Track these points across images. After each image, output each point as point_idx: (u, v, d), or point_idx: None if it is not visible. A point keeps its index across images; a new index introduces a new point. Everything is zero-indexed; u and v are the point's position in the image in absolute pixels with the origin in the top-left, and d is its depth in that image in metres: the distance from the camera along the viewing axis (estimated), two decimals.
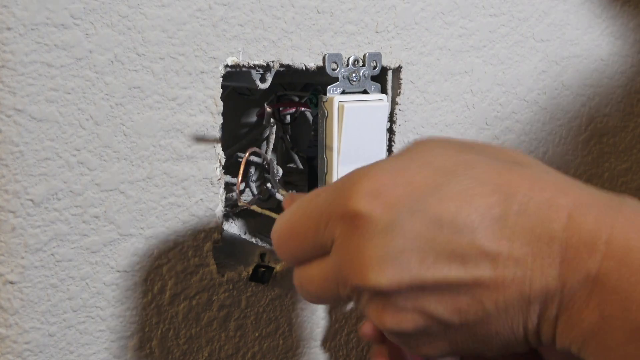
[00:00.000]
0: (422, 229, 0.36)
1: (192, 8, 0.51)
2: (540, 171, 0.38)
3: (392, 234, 0.36)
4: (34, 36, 0.46)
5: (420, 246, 0.36)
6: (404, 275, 0.36)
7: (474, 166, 0.37)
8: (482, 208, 0.36)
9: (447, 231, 0.36)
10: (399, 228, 0.36)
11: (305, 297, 0.42)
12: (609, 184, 0.76)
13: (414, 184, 0.37)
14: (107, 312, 0.52)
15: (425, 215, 0.36)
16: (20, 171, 0.47)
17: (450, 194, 0.36)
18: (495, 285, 0.35)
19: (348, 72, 0.56)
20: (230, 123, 0.62)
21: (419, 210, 0.36)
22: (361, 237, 0.37)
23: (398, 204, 0.37)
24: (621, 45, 0.74)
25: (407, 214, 0.36)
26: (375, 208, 0.37)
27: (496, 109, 0.67)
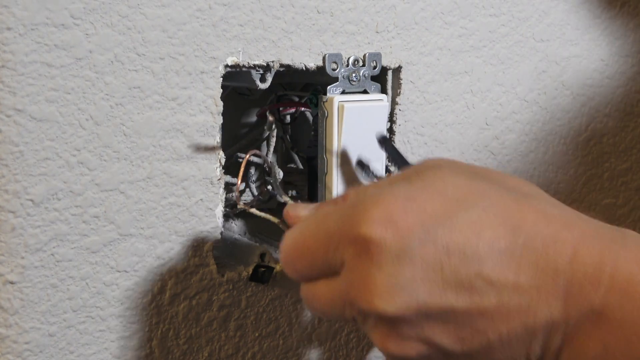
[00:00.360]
0: (432, 258, 0.37)
1: (192, 8, 0.51)
2: (546, 203, 0.39)
3: (402, 263, 0.37)
4: (34, 36, 0.46)
5: (429, 275, 0.37)
6: (411, 304, 0.37)
7: (484, 196, 0.38)
8: (490, 240, 0.37)
9: (455, 261, 0.37)
10: (409, 257, 0.37)
11: (310, 311, 0.43)
12: (609, 184, 0.76)
13: (426, 213, 0.38)
14: (107, 312, 0.52)
15: (436, 245, 0.37)
16: (20, 171, 0.47)
17: (460, 224, 0.37)
18: (500, 315, 0.36)
19: (348, 72, 0.56)
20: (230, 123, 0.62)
21: (429, 241, 0.37)
22: (371, 263, 0.38)
23: (409, 232, 0.37)
24: (621, 45, 0.74)
25: (417, 243, 0.37)
26: (387, 236, 0.37)
27: (496, 109, 0.67)
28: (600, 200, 0.76)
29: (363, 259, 0.38)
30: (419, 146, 0.63)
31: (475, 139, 0.66)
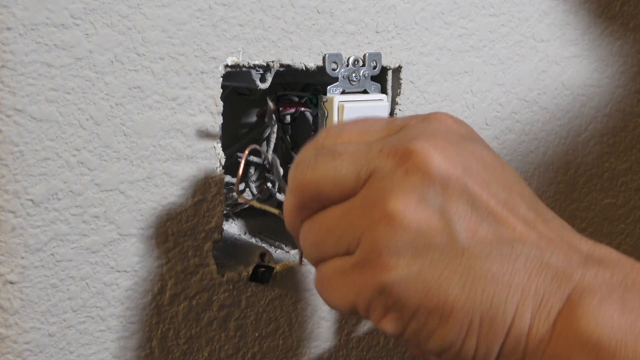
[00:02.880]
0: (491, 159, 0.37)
1: (192, 8, 0.51)
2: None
3: (466, 141, 0.37)
4: (34, 36, 0.46)
5: (484, 165, 0.36)
6: (457, 170, 0.35)
7: None
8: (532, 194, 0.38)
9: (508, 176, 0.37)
10: (474, 144, 0.37)
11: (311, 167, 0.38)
12: (609, 184, 0.76)
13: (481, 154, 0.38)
14: (107, 312, 0.52)
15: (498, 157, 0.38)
16: (20, 171, 0.47)
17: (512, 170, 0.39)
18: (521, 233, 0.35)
19: (348, 72, 0.56)
20: (230, 123, 0.62)
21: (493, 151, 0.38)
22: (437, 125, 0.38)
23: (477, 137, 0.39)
24: (621, 45, 0.74)
25: (483, 144, 0.38)
26: (459, 124, 0.39)
27: (496, 109, 0.67)
28: (600, 200, 0.76)
29: (431, 121, 0.38)
30: None
31: None
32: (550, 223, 0.36)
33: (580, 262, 0.35)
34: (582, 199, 0.75)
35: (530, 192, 0.38)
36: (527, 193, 0.37)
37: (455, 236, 0.35)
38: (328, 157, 0.37)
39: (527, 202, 0.36)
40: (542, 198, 0.72)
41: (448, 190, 0.35)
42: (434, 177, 0.35)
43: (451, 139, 0.36)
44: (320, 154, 0.38)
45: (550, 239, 0.35)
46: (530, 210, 0.36)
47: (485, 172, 0.36)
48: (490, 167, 0.36)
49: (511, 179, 0.37)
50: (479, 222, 0.35)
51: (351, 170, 0.36)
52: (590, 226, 0.75)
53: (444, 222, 0.35)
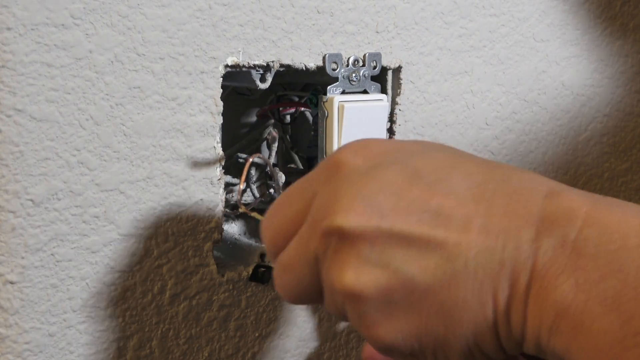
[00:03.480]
0: (400, 177, 0.35)
1: (192, 8, 0.51)
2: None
3: (368, 178, 0.36)
4: (34, 36, 0.46)
5: (395, 192, 0.35)
6: (372, 218, 0.35)
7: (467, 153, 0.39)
8: (464, 172, 0.36)
9: (425, 183, 0.35)
10: (377, 174, 0.36)
11: (281, 287, 0.40)
12: (609, 184, 0.76)
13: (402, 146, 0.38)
14: (107, 312, 0.52)
15: (406, 166, 0.36)
16: (20, 171, 0.47)
17: (435, 155, 0.37)
18: (467, 242, 0.34)
19: (348, 72, 0.56)
20: (230, 123, 0.62)
21: (400, 162, 0.36)
22: (338, 181, 0.37)
23: (382, 154, 0.37)
24: (621, 45, 0.74)
25: (387, 163, 0.36)
26: (358, 157, 0.37)
27: (496, 109, 0.67)
28: None
29: (331, 179, 0.37)
30: None
31: (475, 139, 0.66)
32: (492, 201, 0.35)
33: (533, 237, 0.34)
34: None
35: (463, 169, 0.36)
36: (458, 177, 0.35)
37: (412, 281, 0.35)
38: (285, 274, 0.40)
39: (460, 194, 0.35)
40: None
41: (378, 245, 0.35)
42: (358, 241, 0.35)
43: (354, 186, 0.36)
44: (278, 272, 0.40)
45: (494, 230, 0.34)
46: (464, 204, 0.35)
47: (401, 195, 0.35)
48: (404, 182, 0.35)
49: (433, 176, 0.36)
50: (424, 256, 0.34)
51: (308, 271, 0.38)
52: None
53: (392, 274, 0.35)
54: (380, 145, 0.38)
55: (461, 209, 0.34)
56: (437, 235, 0.34)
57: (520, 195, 0.35)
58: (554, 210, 0.34)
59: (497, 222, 0.34)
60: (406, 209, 0.35)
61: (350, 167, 0.37)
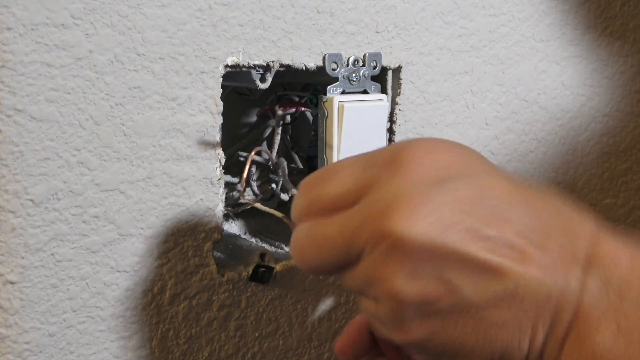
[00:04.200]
0: (467, 195, 0.35)
1: (192, 8, 0.51)
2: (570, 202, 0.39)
3: (436, 189, 0.35)
4: (34, 36, 0.46)
5: (460, 210, 0.35)
6: (434, 232, 0.34)
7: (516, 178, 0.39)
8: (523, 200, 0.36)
9: (489, 206, 0.35)
10: (446, 187, 0.35)
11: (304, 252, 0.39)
12: (609, 184, 0.76)
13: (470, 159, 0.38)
14: (107, 312, 0.52)
15: (473, 184, 0.36)
16: (20, 171, 0.47)
17: (500, 176, 0.37)
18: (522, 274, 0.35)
19: (348, 72, 0.56)
20: (230, 123, 0.62)
21: (468, 179, 0.36)
22: (405, 182, 0.36)
23: (450, 166, 0.37)
24: (621, 45, 0.74)
25: (456, 177, 0.36)
26: (428, 163, 0.36)
27: (496, 109, 0.67)
28: (600, 200, 0.76)
29: (397, 175, 0.36)
30: None
31: (475, 139, 0.66)
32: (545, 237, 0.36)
33: (580, 276, 0.35)
34: (582, 199, 0.75)
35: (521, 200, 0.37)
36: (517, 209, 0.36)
37: (460, 295, 0.35)
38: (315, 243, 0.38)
39: (517, 227, 0.36)
40: None
41: (435, 259, 0.35)
42: (417, 253, 0.35)
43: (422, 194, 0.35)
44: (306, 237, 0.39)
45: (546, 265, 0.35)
46: (521, 237, 0.36)
47: (466, 214, 0.35)
48: (470, 202, 0.36)
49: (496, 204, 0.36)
50: (478, 274, 0.35)
51: (341, 254, 0.38)
52: None
53: (445, 286, 0.35)
54: (450, 153, 0.37)
55: (519, 239, 0.35)
56: (494, 261, 0.35)
57: (570, 232, 0.36)
58: (600, 252, 0.35)
59: (549, 256, 0.35)
60: (468, 229, 0.35)
61: (419, 171, 0.36)
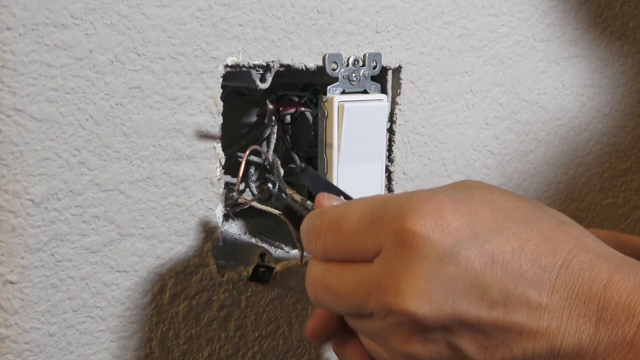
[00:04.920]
0: (476, 265, 0.36)
1: (192, 8, 0.51)
2: (584, 234, 0.39)
3: (445, 264, 0.36)
4: (34, 36, 0.46)
5: (470, 281, 0.36)
6: (446, 309, 0.36)
7: (529, 214, 0.39)
8: (533, 256, 0.37)
9: (498, 271, 0.36)
10: (454, 259, 0.36)
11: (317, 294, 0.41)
12: (609, 184, 0.76)
13: (477, 216, 0.38)
14: (107, 312, 0.52)
15: (482, 252, 0.37)
16: (20, 171, 0.47)
17: (508, 235, 0.37)
18: (529, 332, 0.36)
19: (348, 72, 0.56)
20: (230, 123, 0.62)
21: (476, 246, 0.37)
22: (413, 257, 0.37)
23: (458, 234, 0.37)
24: (621, 45, 0.74)
25: (465, 246, 0.37)
26: (435, 232, 0.37)
27: (496, 109, 0.67)
28: (600, 200, 0.76)
29: (405, 250, 0.37)
30: (419, 146, 0.63)
31: (475, 139, 0.66)
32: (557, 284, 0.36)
33: (591, 334, 0.36)
34: (582, 199, 0.75)
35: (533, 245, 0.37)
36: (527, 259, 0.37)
37: (469, 358, 0.37)
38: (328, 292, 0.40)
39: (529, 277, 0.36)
40: (542, 198, 0.72)
41: (446, 329, 0.37)
42: (428, 326, 0.37)
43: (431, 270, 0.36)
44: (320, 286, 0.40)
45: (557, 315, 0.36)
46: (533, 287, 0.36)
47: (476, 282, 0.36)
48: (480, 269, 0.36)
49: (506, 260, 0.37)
50: (487, 339, 0.36)
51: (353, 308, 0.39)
52: (591, 226, 0.75)
53: (455, 351, 0.37)
54: (457, 215, 0.38)
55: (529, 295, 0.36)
56: (503, 321, 0.36)
57: (580, 286, 0.36)
58: (613, 305, 0.36)
59: (558, 312, 0.36)
60: (479, 296, 0.36)
61: (425, 243, 0.37)
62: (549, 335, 0.36)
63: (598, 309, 0.36)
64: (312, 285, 0.41)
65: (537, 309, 0.36)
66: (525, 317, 0.36)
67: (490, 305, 0.36)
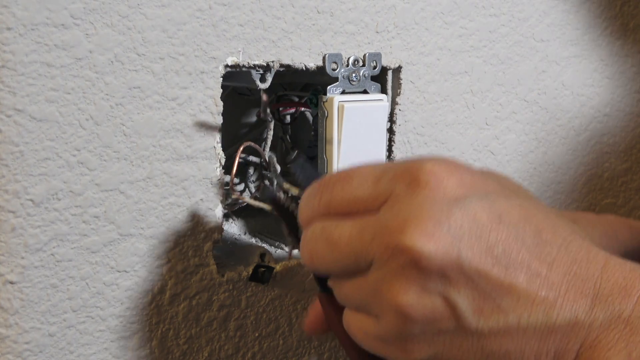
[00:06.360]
0: (484, 219, 0.36)
1: (192, 8, 0.51)
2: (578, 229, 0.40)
3: (456, 208, 0.36)
4: (34, 36, 0.46)
5: (477, 233, 0.36)
6: (452, 252, 0.35)
7: (533, 197, 0.40)
8: (538, 227, 0.37)
9: (503, 232, 0.36)
10: (465, 206, 0.36)
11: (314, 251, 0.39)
12: (609, 184, 0.76)
13: (487, 182, 0.38)
14: (107, 312, 0.52)
15: (492, 209, 0.37)
16: (20, 171, 0.47)
17: (515, 204, 0.37)
18: (526, 299, 0.36)
19: (348, 72, 0.56)
20: (230, 123, 0.62)
21: (488, 201, 0.37)
22: (425, 198, 0.36)
23: (471, 185, 0.37)
24: (621, 45, 0.74)
25: (477, 197, 0.37)
26: (450, 179, 0.37)
27: (496, 109, 0.67)
28: (600, 200, 0.76)
29: (418, 191, 0.36)
30: (419, 146, 0.63)
31: (475, 139, 0.66)
32: (557, 260, 0.37)
33: (587, 309, 0.36)
34: (582, 199, 0.75)
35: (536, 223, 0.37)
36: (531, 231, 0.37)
37: (463, 319, 0.36)
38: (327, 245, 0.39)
39: (531, 247, 0.37)
40: (542, 198, 0.72)
41: (447, 277, 0.36)
42: (430, 269, 0.36)
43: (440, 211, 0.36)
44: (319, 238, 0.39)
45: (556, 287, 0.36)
46: (534, 257, 0.36)
47: (482, 235, 0.36)
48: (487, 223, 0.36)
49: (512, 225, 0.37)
50: (484, 299, 0.36)
51: (352, 259, 0.38)
52: None
53: (449, 308, 0.36)
54: (469, 173, 0.38)
55: (530, 263, 0.36)
56: (503, 280, 0.36)
57: (579, 265, 0.37)
58: (610, 286, 0.36)
59: (557, 284, 0.36)
60: (484, 248, 0.36)
61: (440, 189, 0.37)
62: (545, 305, 0.36)
63: (595, 288, 0.36)
64: (309, 242, 0.40)
65: (536, 277, 0.36)
66: (524, 282, 0.36)
67: (493, 262, 0.36)
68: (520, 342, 0.36)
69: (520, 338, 0.36)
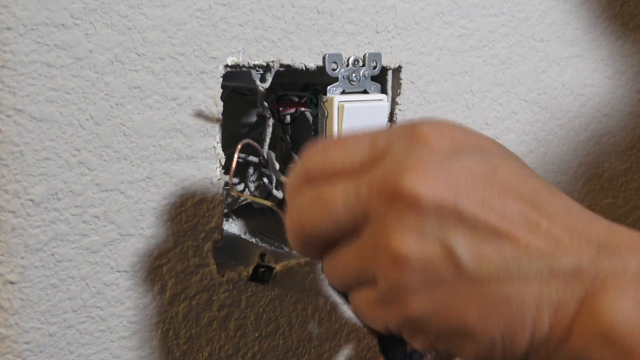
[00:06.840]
0: (480, 169, 0.36)
1: (192, 8, 0.51)
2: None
3: (453, 159, 0.36)
4: (34, 36, 0.46)
5: (475, 181, 0.36)
6: (449, 196, 0.35)
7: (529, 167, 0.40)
8: (533, 187, 0.37)
9: (500, 182, 0.36)
10: (462, 158, 0.36)
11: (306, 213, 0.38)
12: (609, 184, 0.76)
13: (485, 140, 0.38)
14: (107, 312, 0.52)
15: (488, 162, 0.36)
16: (20, 171, 0.47)
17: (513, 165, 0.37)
18: (526, 246, 0.35)
19: (348, 72, 0.56)
20: (230, 123, 0.62)
21: (483, 157, 0.37)
22: (422, 150, 0.36)
23: (467, 143, 0.37)
24: (621, 45, 0.74)
25: (472, 153, 0.37)
26: (445, 139, 0.37)
27: (496, 109, 0.67)
28: (600, 200, 0.76)
29: (416, 144, 0.37)
30: None
31: None
32: (557, 216, 0.36)
33: (592, 257, 0.35)
34: (582, 199, 0.75)
35: (533, 185, 0.37)
36: (528, 189, 0.37)
37: (460, 265, 0.35)
38: (320, 205, 0.38)
39: (529, 201, 0.36)
40: None
41: (444, 220, 0.35)
42: (427, 211, 0.35)
43: (438, 161, 0.36)
44: (311, 200, 0.38)
45: (557, 238, 0.35)
46: (533, 209, 0.36)
47: (478, 185, 0.36)
48: (482, 176, 0.36)
49: (508, 180, 0.36)
50: (482, 245, 0.35)
51: (347, 216, 0.37)
52: None
53: (447, 253, 0.35)
54: (465, 134, 0.38)
55: (529, 215, 0.35)
56: (501, 228, 0.35)
57: (583, 221, 0.36)
58: (616, 240, 0.35)
59: (558, 235, 0.35)
60: (481, 198, 0.35)
61: (436, 144, 0.37)
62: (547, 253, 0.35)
63: (600, 242, 0.35)
64: (298, 208, 0.38)
65: (536, 228, 0.35)
66: (523, 231, 0.35)
67: (490, 210, 0.35)
68: (520, 287, 0.35)
69: (520, 283, 0.35)
